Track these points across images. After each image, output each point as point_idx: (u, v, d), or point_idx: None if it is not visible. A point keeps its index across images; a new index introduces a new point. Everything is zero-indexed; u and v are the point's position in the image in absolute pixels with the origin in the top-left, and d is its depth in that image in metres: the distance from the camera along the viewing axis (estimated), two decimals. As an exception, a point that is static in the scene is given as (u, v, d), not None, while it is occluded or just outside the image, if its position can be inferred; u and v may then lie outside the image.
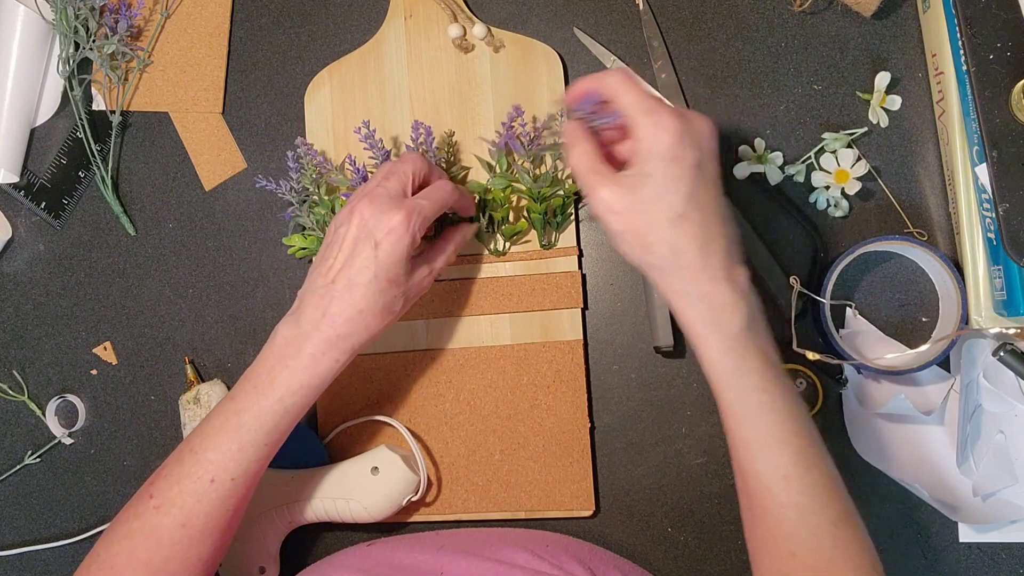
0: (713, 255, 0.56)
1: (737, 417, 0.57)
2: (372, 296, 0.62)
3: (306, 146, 0.76)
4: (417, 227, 0.63)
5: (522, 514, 0.76)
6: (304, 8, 0.82)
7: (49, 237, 0.83)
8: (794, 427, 0.57)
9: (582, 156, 0.59)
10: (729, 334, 0.56)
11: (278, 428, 0.63)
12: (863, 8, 0.75)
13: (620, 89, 0.57)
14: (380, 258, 0.62)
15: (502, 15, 0.80)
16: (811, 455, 0.57)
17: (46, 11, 0.79)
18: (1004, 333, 0.69)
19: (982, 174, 0.66)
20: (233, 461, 0.62)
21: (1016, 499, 0.72)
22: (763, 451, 0.56)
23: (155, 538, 0.62)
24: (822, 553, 0.56)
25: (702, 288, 0.56)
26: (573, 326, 0.76)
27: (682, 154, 0.55)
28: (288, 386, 0.62)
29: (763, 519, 0.57)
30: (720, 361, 0.57)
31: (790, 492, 0.56)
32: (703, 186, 0.56)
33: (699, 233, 0.56)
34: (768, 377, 0.57)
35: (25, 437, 0.83)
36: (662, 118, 0.55)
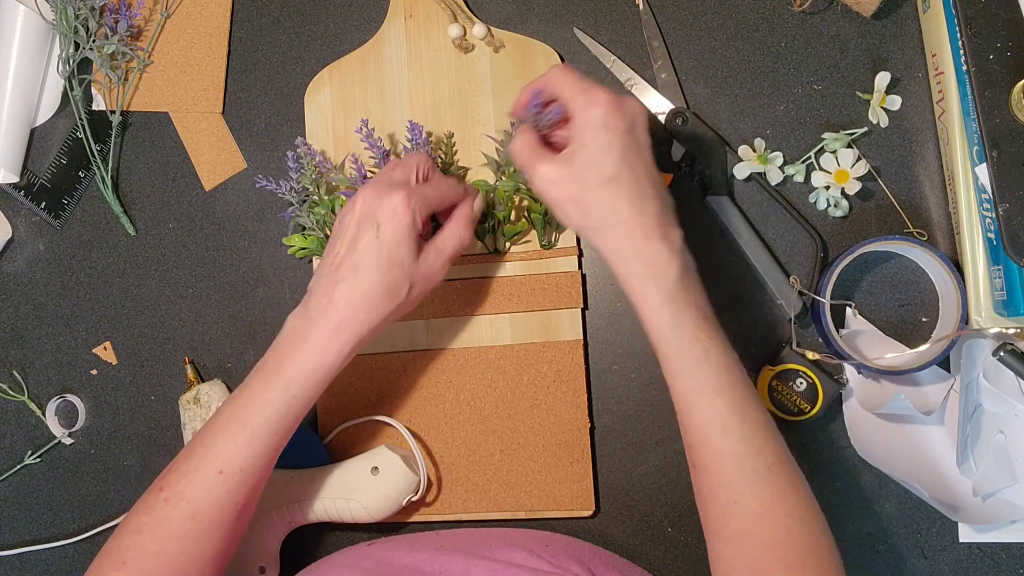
0: (646, 214, 0.59)
1: (675, 369, 0.60)
2: (375, 277, 0.63)
3: (306, 146, 0.76)
4: (418, 208, 0.63)
5: (522, 514, 0.76)
6: (304, 8, 0.82)
7: (49, 237, 0.83)
8: (729, 378, 0.59)
9: (521, 144, 0.63)
10: (664, 287, 0.59)
11: (286, 418, 0.63)
12: (863, 8, 0.75)
13: (557, 78, 0.61)
14: (382, 238, 0.63)
15: (502, 15, 0.80)
16: (746, 404, 0.59)
17: (46, 11, 0.79)
18: (1004, 333, 0.69)
19: (982, 174, 0.66)
20: (241, 453, 0.62)
21: (1016, 499, 0.72)
22: (700, 401, 0.59)
23: (165, 531, 0.62)
24: (762, 499, 0.58)
25: (637, 244, 0.59)
26: (573, 326, 0.76)
27: (613, 123, 0.59)
28: (294, 375, 0.63)
29: (704, 469, 0.60)
30: (657, 314, 0.59)
31: (728, 439, 0.58)
32: (634, 151, 0.60)
33: (631, 192, 0.59)
34: (703, 328, 0.59)
35: (25, 437, 0.83)
36: (594, 93, 0.59)
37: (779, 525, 0.58)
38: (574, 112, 0.60)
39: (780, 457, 0.60)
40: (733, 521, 0.59)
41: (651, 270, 0.59)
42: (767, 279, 0.74)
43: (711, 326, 0.60)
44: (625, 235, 0.59)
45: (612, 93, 0.60)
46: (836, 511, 0.75)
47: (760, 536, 0.58)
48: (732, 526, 0.59)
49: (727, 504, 0.59)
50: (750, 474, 0.58)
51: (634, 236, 0.59)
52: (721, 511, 0.59)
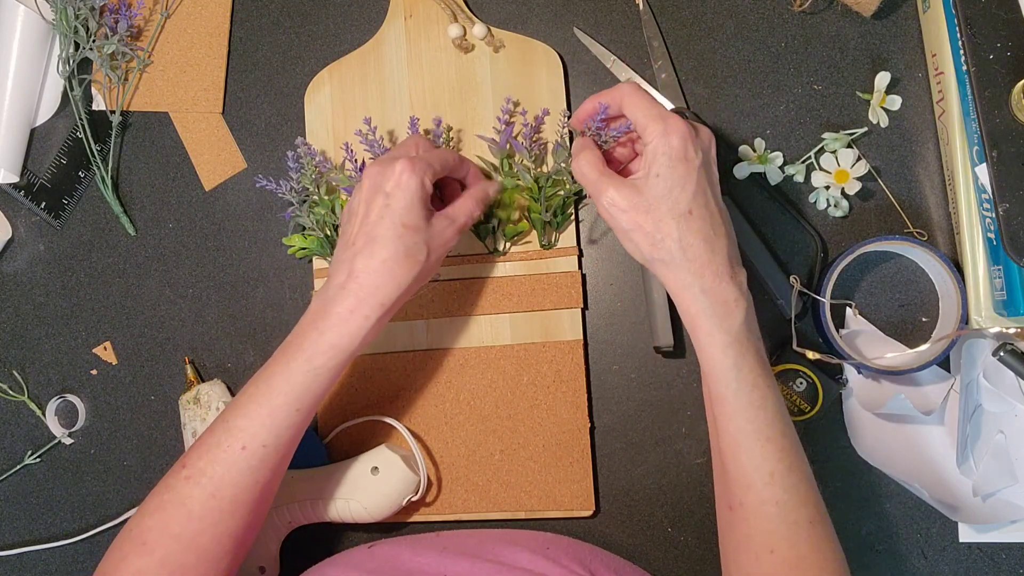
0: (718, 252, 0.59)
1: (729, 412, 0.59)
2: (392, 243, 0.62)
3: (306, 146, 0.76)
4: (424, 172, 0.63)
5: (522, 514, 0.76)
6: (304, 8, 0.82)
7: (49, 237, 0.83)
8: (780, 427, 0.59)
9: (588, 161, 0.61)
10: (731, 329, 0.58)
11: (309, 392, 0.62)
12: (863, 8, 0.75)
13: (631, 98, 0.60)
14: (392, 205, 0.63)
15: (502, 15, 0.80)
16: (793, 455, 0.59)
17: (46, 11, 0.79)
18: (1004, 333, 0.69)
19: (982, 174, 0.66)
20: (264, 427, 0.62)
21: (1016, 499, 0.72)
22: (751, 446, 0.58)
23: (186, 509, 0.61)
24: (799, 550, 0.58)
25: (707, 283, 0.58)
26: (573, 326, 0.76)
27: (690, 155, 0.58)
28: (316, 346, 0.62)
29: (743, 515, 0.59)
30: (720, 356, 0.58)
31: (774, 488, 0.58)
32: (708, 187, 0.59)
33: (705, 229, 0.58)
34: (761, 375, 0.59)
35: (25, 437, 0.83)
36: (672, 122, 0.58)
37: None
38: (649, 138, 0.59)
39: (820, 511, 0.59)
40: (766, 570, 0.58)
41: (719, 310, 0.58)
42: (767, 279, 0.74)
43: (767, 372, 0.60)
44: (695, 272, 0.58)
45: (688, 122, 0.59)
46: (836, 511, 0.74)
47: None
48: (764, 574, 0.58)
49: (762, 552, 0.58)
50: (791, 524, 0.58)
51: (704, 275, 0.58)
52: (754, 558, 0.58)
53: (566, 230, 0.77)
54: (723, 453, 0.60)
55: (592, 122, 0.64)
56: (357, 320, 0.62)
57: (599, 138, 0.65)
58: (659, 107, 0.60)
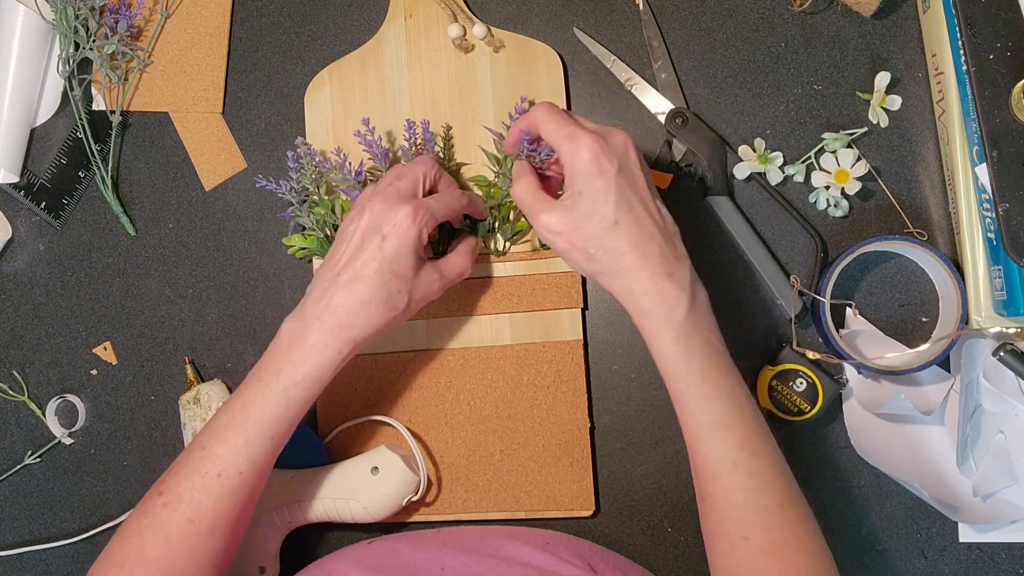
0: (649, 254, 0.60)
1: (685, 405, 0.60)
2: (375, 287, 0.63)
3: (306, 146, 0.76)
4: (424, 222, 0.64)
5: (522, 514, 0.76)
6: (304, 8, 0.82)
7: (49, 237, 0.83)
8: (740, 414, 0.60)
9: (523, 189, 0.64)
10: (673, 325, 0.59)
11: (283, 420, 0.64)
12: (863, 8, 0.75)
13: (541, 119, 0.62)
14: (385, 250, 0.63)
15: (502, 15, 0.80)
16: (756, 440, 0.60)
17: (46, 11, 0.79)
18: (1004, 333, 0.69)
19: (982, 174, 0.66)
20: (240, 455, 0.63)
21: (1016, 499, 0.72)
22: (711, 437, 0.59)
23: (164, 535, 0.62)
24: (772, 535, 0.58)
25: (643, 285, 0.60)
26: (573, 326, 0.76)
27: (604, 167, 0.59)
28: (291, 377, 0.63)
29: (714, 504, 0.60)
30: (668, 352, 0.60)
31: (738, 476, 0.59)
32: (630, 191, 0.60)
33: (633, 235, 0.60)
34: (713, 365, 0.60)
35: (25, 437, 0.83)
36: (579, 139, 0.60)
37: (789, 561, 0.58)
38: (563, 158, 0.60)
39: (790, 494, 0.60)
40: (741, 557, 0.58)
41: (660, 308, 0.60)
42: (767, 279, 0.74)
43: (722, 361, 0.61)
44: (631, 277, 0.60)
45: (596, 134, 0.60)
46: (836, 511, 0.75)
47: (768, 572, 0.58)
48: (740, 562, 0.58)
49: (736, 539, 0.58)
50: (760, 509, 0.58)
51: (640, 277, 0.60)
52: (729, 546, 0.59)
53: (566, 230, 0.77)
54: (689, 446, 0.61)
55: (520, 147, 0.66)
56: (330, 353, 0.63)
57: (533, 160, 0.66)
58: (568, 125, 0.61)
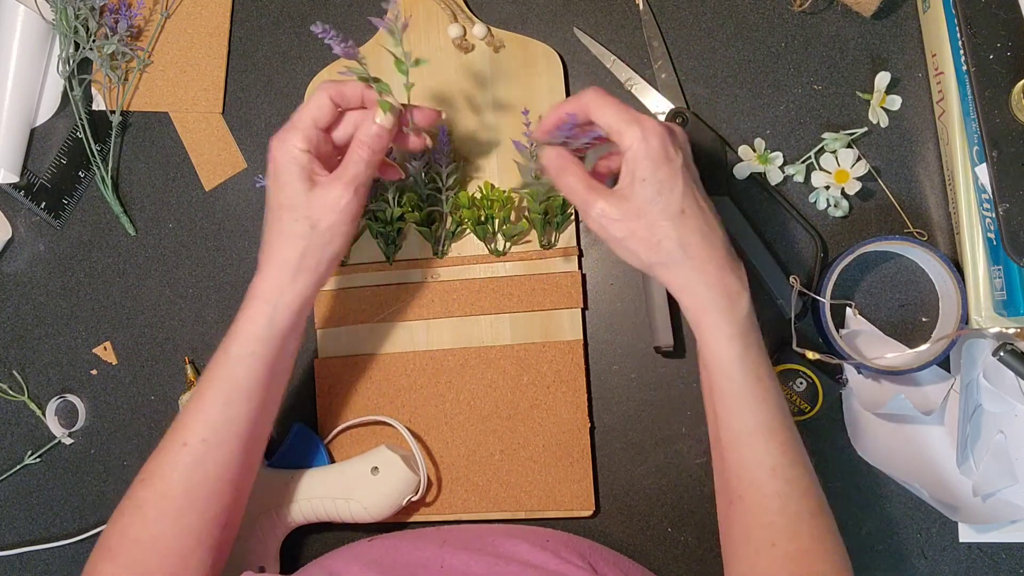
0: (717, 246, 0.59)
1: (732, 406, 0.59)
2: (270, 227, 0.63)
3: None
4: (292, 141, 0.61)
5: (522, 514, 0.76)
6: (304, 8, 0.82)
7: (49, 237, 0.83)
8: (782, 419, 0.59)
9: (574, 178, 0.61)
10: (736, 320, 0.58)
11: (230, 381, 0.63)
12: (863, 8, 0.75)
13: (599, 105, 0.59)
14: (269, 188, 0.63)
15: (502, 15, 0.80)
16: (795, 447, 0.59)
17: (46, 11, 0.79)
18: (1004, 333, 0.69)
19: (982, 174, 0.66)
20: (198, 422, 0.63)
21: (1016, 499, 0.72)
22: (753, 441, 0.58)
23: (141, 513, 0.62)
24: (800, 543, 0.57)
25: (710, 277, 0.58)
26: (573, 326, 0.76)
27: (671, 155, 0.58)
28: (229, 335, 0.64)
29: (744, 509, 0.59)
30: (726, 348, 0.58)
31: (776, 482, 0.58)
32: (692, 183, 0.59)
33: (701, 226, 0.59)
34: (764, 367, 0.59)
35: (25, 437, 0.83)
36: (647, 124, 0.58)
37: (810, 569, 0.57)
38: (628, 142, 0.57)
39: (821, 502, 0.59)
40: (764, 563, 0.57)
41: (724, 302, 0.58)
42: (767, 279, 0.74)
43: (769, 364, 0.60)
44: (698, 269, 0.58)
45: (663, 123, 0.59)
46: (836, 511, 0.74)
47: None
48: (762, 568, 0.58)
49: (763, 545, 0.58)
50: (792, 516, 0.57)
51: (707, 269, 0.58)
52: (754, 551, 0.58)
53: (566, 230, 0.77)
54: (724, 448, 0.60)
55: (560, 132, 0.62)
56: (258, 305, 0.63)
57: (568, 147, 0.63)
58: (630, 110, 0.59)
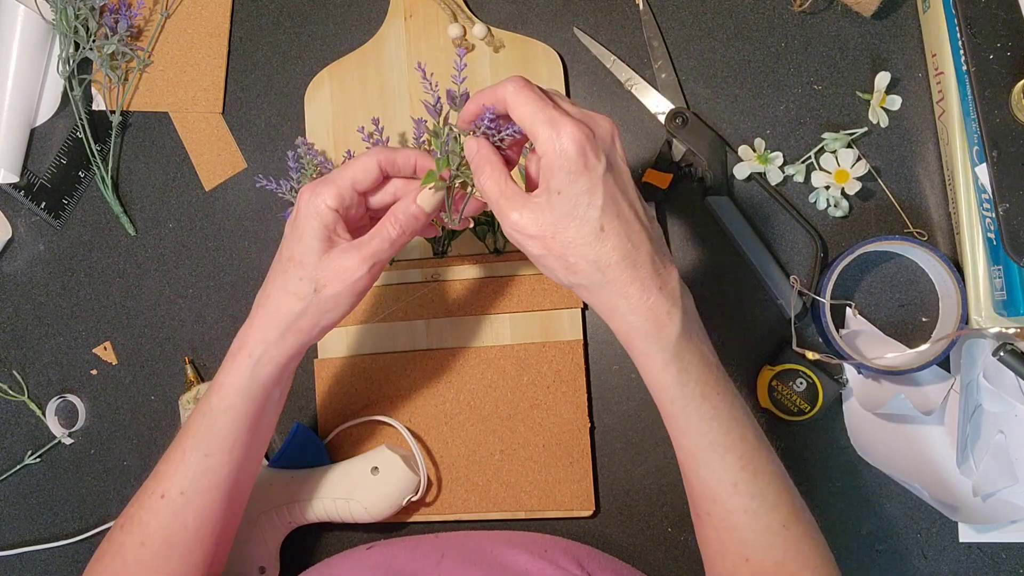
0: (640, 264, 0.53)
1: (681, 428, 0.56)
2: (274, 278, 0.60)
3: (306, 146, 0.76)
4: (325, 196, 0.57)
5: (522, 514, 0.76)
6: (304, 8, 0.82)
7: (49, 237, 0.83)
8: (739, 432, 0.56)
9: (489, 180, 0.55)
10: (667, 345, 0.54)
11: (210, 433, 0.61)
12: (863, 8, 0.75)
13: (515, 100, 0.53)
14: (287, 236, 0.60)
15: (502, 15, 0.80)
16: (757, 459, 0.56)
17: (46, 11, 0.79)
18: (1004, 333, 0.69)
19: (982, 174, 0.66)
20: (179, 474, 0.61)
21: (1016, 499, 0.72)
22: (709, 459, 0.56)
23: (120, 558, 0.62)
24: (775, 555, 0.56)
25: (633, 301, 0.53)
26: (573, 326, 0.76)
27: (591, 163, 0.51)
28: (212, 387, 0.61)
29: (713, 527, 0.57)
30: (661, 374, 0.54)
31: (739, 498, 0.56)
32: (618, 191, 0.53)
33: (621, 244, 0.52)
34: (709, 384, 0.55)
35: (25, 437, 0.83)
36: (562, 126, 0.51)
37: None
38: (541, 146, 0.52)
39: (794, 509, 0.57)
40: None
41: (651, 326, 0.53)
42: (767, 279, 0.74)
43: (717, 378, 0.56)
44: (619, 293, 0.53)
45: (580, 123, 0.51)
46: (836, 511, 0.75)
47: None
48: None
49: (738, 561, 0.56)
50: (763, 531, 0.56)
51: (629, 293, 0.53)
52: (731, 566, 0.57)
53: (566, 230, 0.77)
54: (684, 467, 0.58)
55: (480, 122, 0.56)
56: (242, 358, 0.60)
57: (492, 139, 0.57)
58: (547, 108, 0.52)
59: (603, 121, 0.54)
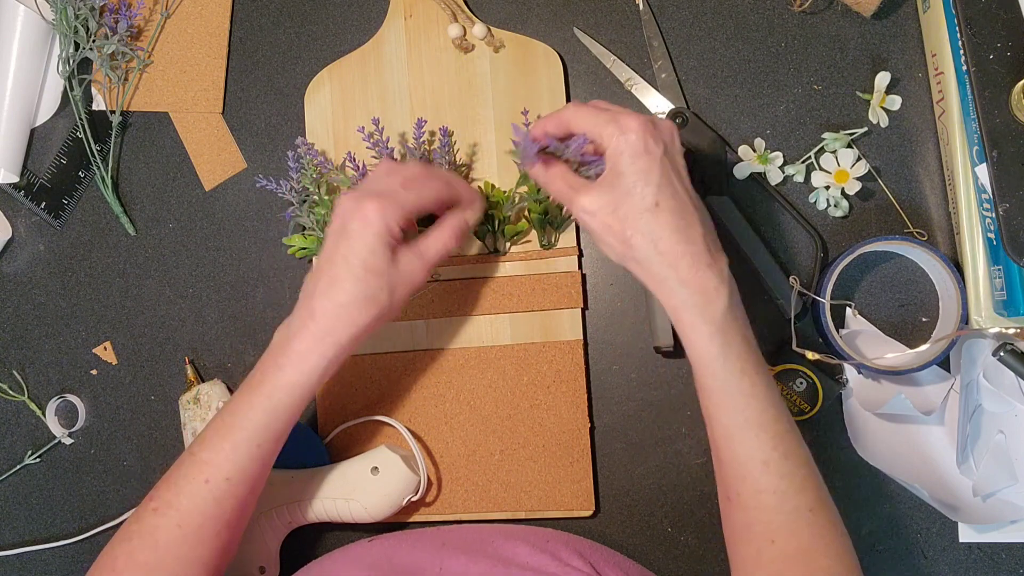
0: (692, 241, 0.58)
1: (719, 403, 0.58)
2: (350, 288, 0.62)
3: (306, 146, 0.76)
4: (392, 216, 0.62)
5: (522, 514, 0.76)
6: (304, 8, 0.82)
7: (49, 237, 0.83)
8: (774, 413, 0.58)
9: (557, 177, 0.62)
10: (713, 319, 0.57)
11: (270, 427, 0.63)
12: (863, 8, 0.75)
13: (575, 117, 0.60)
14: (355, 247, 0.62)
15: (502, 15, 0.80)
16: (789, 441, 0.58)
17: (46, 11, 0.79)
18: (1004, 333, 0.69)
19: (982, 174, 0.66)
20: (228, 461, 0.63)
21: (1016, 499, 0.72)
22: (744, 436, 0.58)
23: (153, 539, 0.62)
24: (800, 539, 0.57)
25: (683, 274, 0.57)
26: (573, 326, 0.76)
27: (650, 147, 0.57)
28: (275, 384, 0.63)
29: (741, 506, 0.58)
30: (706, 347, 0.58)
31: (769, 477, 0.57)
32: (673, 176, 0.58)
33: (675, 220, 0.57)
34: (750, 362, 0.58)
35: (25, 437, 0.83)
36: (624, 120, 0.58)
37: (815, 566, 0.56)
38: (606, 141, 0.58)
39: (821, 496, 0.58)
40: (767, 561, 0.57)
41: (700, 299, 0.57)
42: (767, 279, 0.74)
43: (757, 358, 0.59)
44: (670, 265, 0.57)
45: (641, 115, 0.58)
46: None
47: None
48: (765, 566, 0.57)
49: (763, 543, 0.57)
50: (790, 513, 0.57)
51: (680, 266, 0.57)
52: (756, 550, 0.57)
53: (566, 230, 0.77)
54: (717, 444, 0.60)
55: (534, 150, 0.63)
56: (314, 358, 0.63)
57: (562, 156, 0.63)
58: (604, 112, 0.59)
59: (664, 120, 0.61)
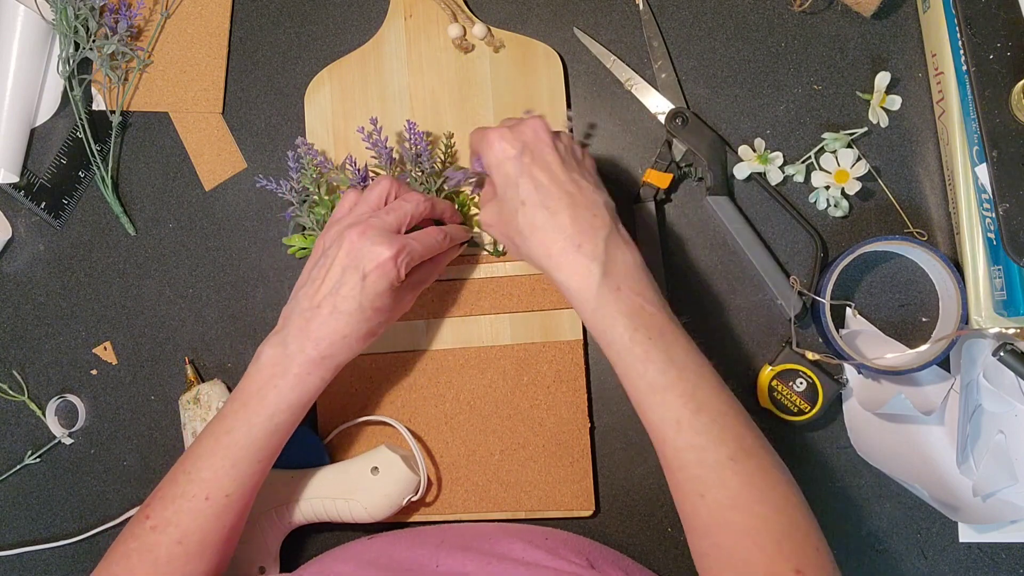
0: (559, 228, 0.60)
1: (621, 373, 0.60)
2: (356, 323, 0.64)
3: (306, 146, 0.76)
4: (404, 265, 0.65)
5: (522, 514, 0.76)
6: (304, 8, 0.82)
7: (49, 237, 0.83)
8: (677, 373, 0.58)
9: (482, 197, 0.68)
10: (588, 297, 0.59)
11: (269, 445, 0.65)
12: (863, 8, 0.75)
13: (470, 139, 0.67)
14: (367, 290, 0.64)
15: (502, 15, 0.80)
16: (700, 395, 0.58)
17: (46, 11, 0.79)
18: (1004, 333, 0.69)
19: (982, 174, 0.66)
20: (227, 478, 0.64)
21: (1016, 499, 0.72)
22: (651, 401, 0.59)
23: (152, 556, 0.63)
24: (729, 490, 0.57)
25: (556, 260, 0.60)
26: (573, 326, 0.76)
27: (508, 153, 0.62)
28: (277, 404, 0.64)
29: (669, 468, 0.59)
30: (591, 323, 0.60)
31: (684, 434, 0.58)
32: (536, 169, 0.62)
33: (538, 214, 0.61)
34: (640, 327, 0.59)
35: (25, 437, 0.83)
36: (488, 135, 0.63)
37: (751, 513, 0.56)
38: (484, 161, 0.64)
39: (744, 444, 0.58)
40: (704, 514, 0.57)
41: (575, 282, 0.60)
42: (767, 279, 0.74)
43: (652, 322, 0.59)
44: (545, 255, 0.61)
45: (505, 127, 0.63)
46: (836, 511, 0.75)
47: (733, 526, 0.56)
48: (703, 519, 0.57)
49: (695, 498, 0.58)
50: (712, 465, 0.57)
51: (551, 254, 0.60)
52: (691, 506, 0.58)
53: (566, 230, 0.77)
54: (637, 412, 0.60)
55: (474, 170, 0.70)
56: (314, 380, 0.65)
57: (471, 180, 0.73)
58: (482, 131, 0.64)
59: (528, 120, 0.64)
